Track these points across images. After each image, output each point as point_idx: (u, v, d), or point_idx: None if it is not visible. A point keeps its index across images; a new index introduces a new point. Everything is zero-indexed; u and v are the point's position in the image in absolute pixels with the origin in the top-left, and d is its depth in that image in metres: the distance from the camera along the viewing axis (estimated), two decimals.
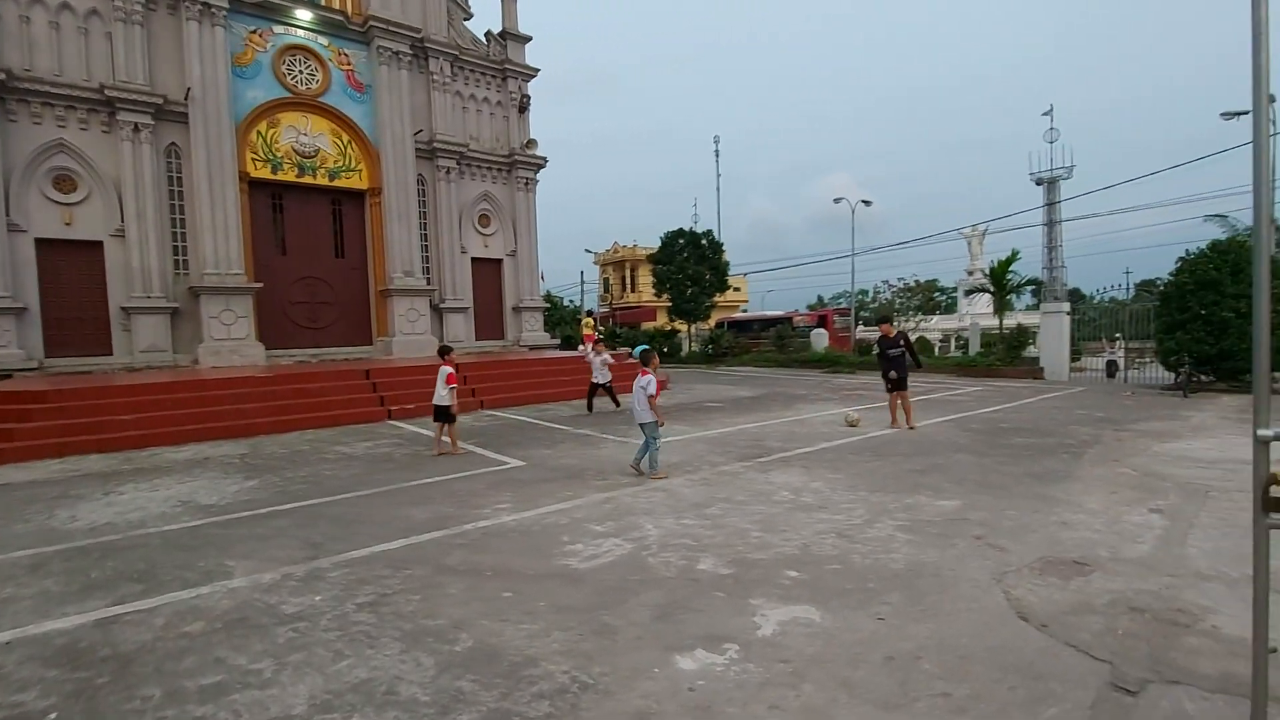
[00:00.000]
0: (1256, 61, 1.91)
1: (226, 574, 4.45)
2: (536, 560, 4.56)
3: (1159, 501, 5.75)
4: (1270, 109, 19.74)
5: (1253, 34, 1.92)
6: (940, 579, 4.11)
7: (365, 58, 17.79)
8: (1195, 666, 3.04)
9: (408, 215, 18.17)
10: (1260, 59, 1.91)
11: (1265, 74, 1.93)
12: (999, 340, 19.88)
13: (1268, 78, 1.95)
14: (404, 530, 5.30)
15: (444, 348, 9.64)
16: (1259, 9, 1.90)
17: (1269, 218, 2.01)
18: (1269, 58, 1.92)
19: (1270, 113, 19.77)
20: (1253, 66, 1.92)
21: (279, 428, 10.74)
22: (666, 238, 29.79)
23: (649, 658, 3.18)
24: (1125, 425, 9.99)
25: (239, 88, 15.86)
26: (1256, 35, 1.91)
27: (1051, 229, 42.03)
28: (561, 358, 17.90)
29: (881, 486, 6.46)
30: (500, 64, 20.71)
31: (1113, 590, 3.89)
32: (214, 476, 7.64)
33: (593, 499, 6.21)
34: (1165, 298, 15.10)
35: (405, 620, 3.63)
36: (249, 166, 16.20)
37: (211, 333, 15.22)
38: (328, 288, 17.88)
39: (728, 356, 28.23)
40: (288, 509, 6.10)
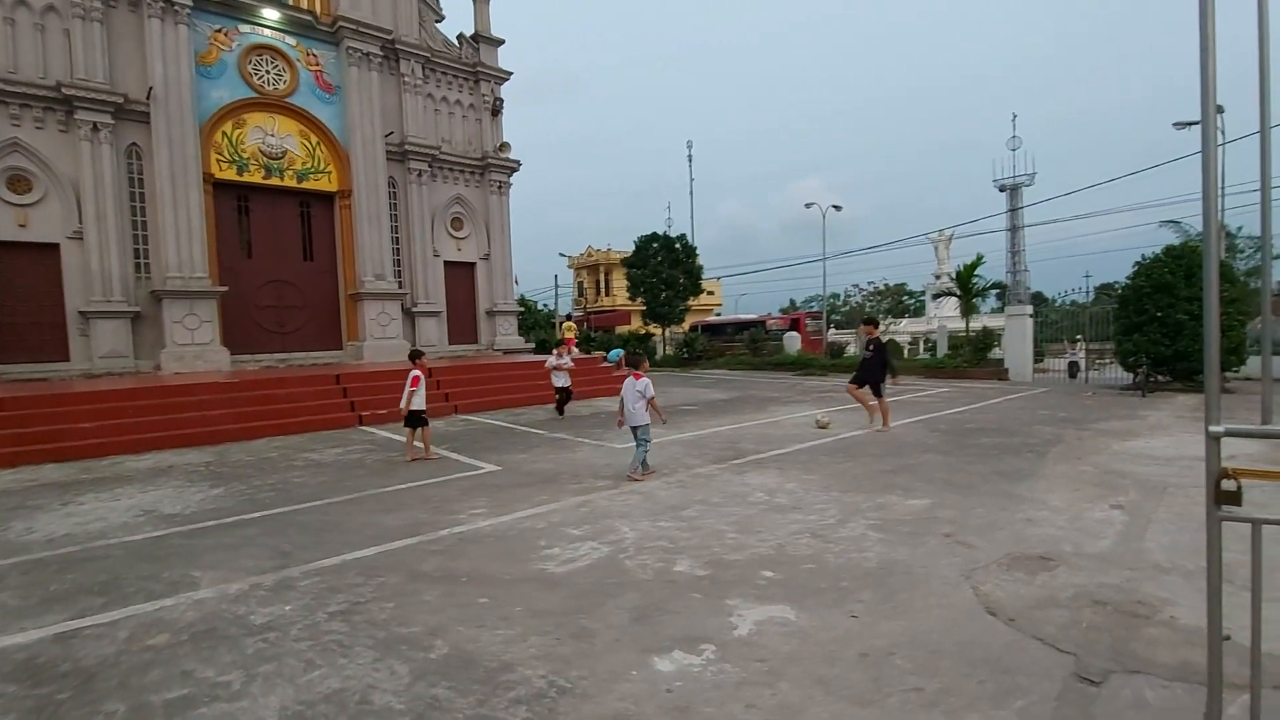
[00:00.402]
0: (1204, 76, 2.00)
1: (192, 585, 4.34)
2: (512, 565, 4.54)
3: (1119, 498, 5.93)
4: (1218, 119, 20.55)
5: (1200, 49, 2.01)
6: (911, 576, 4.19)
7: (334, 58, 17.54)
8: (1155, 656, 3.15)
9: (378, 218, 17.93)
10: (1208, 73, 2.00)
11: (1212, 87, 2.02)
12: (965, 342, 20.31)
13: (1214, 90, 2.04)
14: (376, 537, 5.22)
15: (415, 352, 9.53)
16: (1206, 25, 1.99)
17: (1218, 224, 2.10)
18: (1215, 71, 2.01)
19: (1218, 123, 20.57)
20: (1200, 80, 2.01)
21: (246, 434, 10.51)
22: (640, 241, 29.85)
23: (627, 660, 3.19)
24: (1086, 424, 10.29)
25: (203, 87, 15.51)
26: (1204, 50, 2.00)
27: (1015, 234, 43.14)
28: (536, 362, 17.80)
29: (854, 487, 6.56)
30: (473, 66, 20.59)
31: (1076, 584, 4.01)
32: (178, 485, 7.45)
33: (569, 503, 6.19)
34: (1123, 301, 15.59)
35: (379, 628, 3.58)
36: (214, 168, 15.84)
37: (174, 338, 14.82)
38: (296, 291, 17.54)
39: (702, 360, 28.38)
40: (256, 517, 5.97)
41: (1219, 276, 2.37)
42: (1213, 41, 2.00)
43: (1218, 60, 2.02)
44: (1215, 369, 2.13)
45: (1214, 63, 2.02)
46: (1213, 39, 2.00)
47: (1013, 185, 43.60)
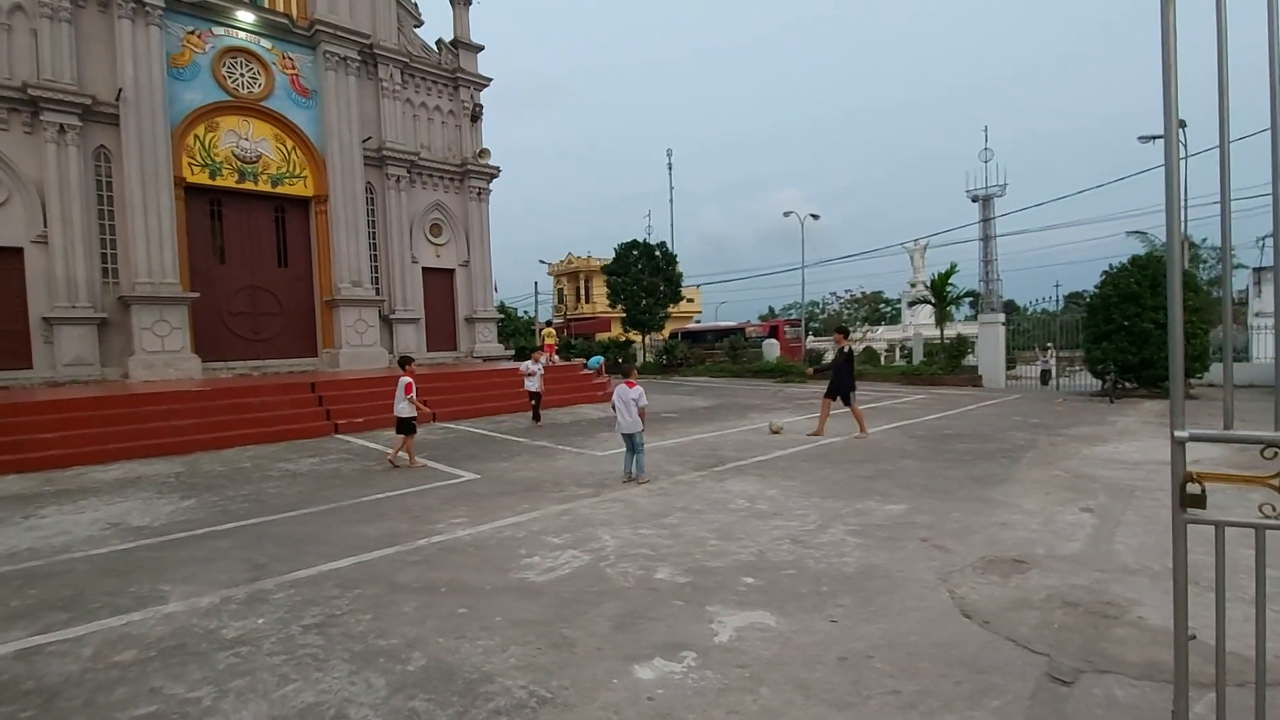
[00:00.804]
0: (1166, 93, 2.08)
1: (161, 599, 4.23)
2: (493, 574, 4.50)
3: (1089, 501, 6.07)
4: (1181, 134, 21.22)
5: (1163, 65, 2.08)
6: (890, 580, 4.24)
7: (311, 62, 17.36)
8: (1124, 655, 3.22)
9: (356, 224, 17.74)
10: (1170, 91, 2.07)
11: (1174, 103, 2.09)
12: (940, 350, 20.64)
13: (1177, 106, 2.11)
14: (354, 548, 5.15)
15: (404, 358, 9.48)
16: (1168, 42, 2.06)
17: (1181, 235, 2.17)
18: (1178, 87, 2.09)
19: (1181, 137, 21.24)
20: (1163, 97, 2.08)
21: (218, 444, 10.29)
22: (620, 249, 29.91)
23: (608, 669, 3.18)
24: (1058, 430, 10.51)
25: (175, 90, 15.24)
26: (1166, 66, 2.07)
27: (987, 244, 44.04)
28: (516, 369, 17.71)
29: (833, 492, 6.62)
30: (452, 72, 20.51)
31: (1049, 586, 4.08)
32: (147, 496, 7.27)
33: (550, 511, 6.16)
34: (1091, 309, 15.98)
35: (355, 641, 3.52)
36: (185, 171, 15.55)
37: (143, 345, 14.48)
38: (271, 298, 17.26)
39: (682, 367, 28.46)
40: (228, 529, 5.85)
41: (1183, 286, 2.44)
42: (1175, 60, 2.08)
43: (1179, 78, 2.10)
44: (1180, 376, 2.20)
45: (1176, 82, 2.09)
46: (1175, 58, 2.07)
47: (985, 196, 44.55)
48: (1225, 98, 2.11)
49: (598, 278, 44.12)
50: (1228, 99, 2.10)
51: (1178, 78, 2.11)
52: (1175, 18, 2.06)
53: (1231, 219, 2.26)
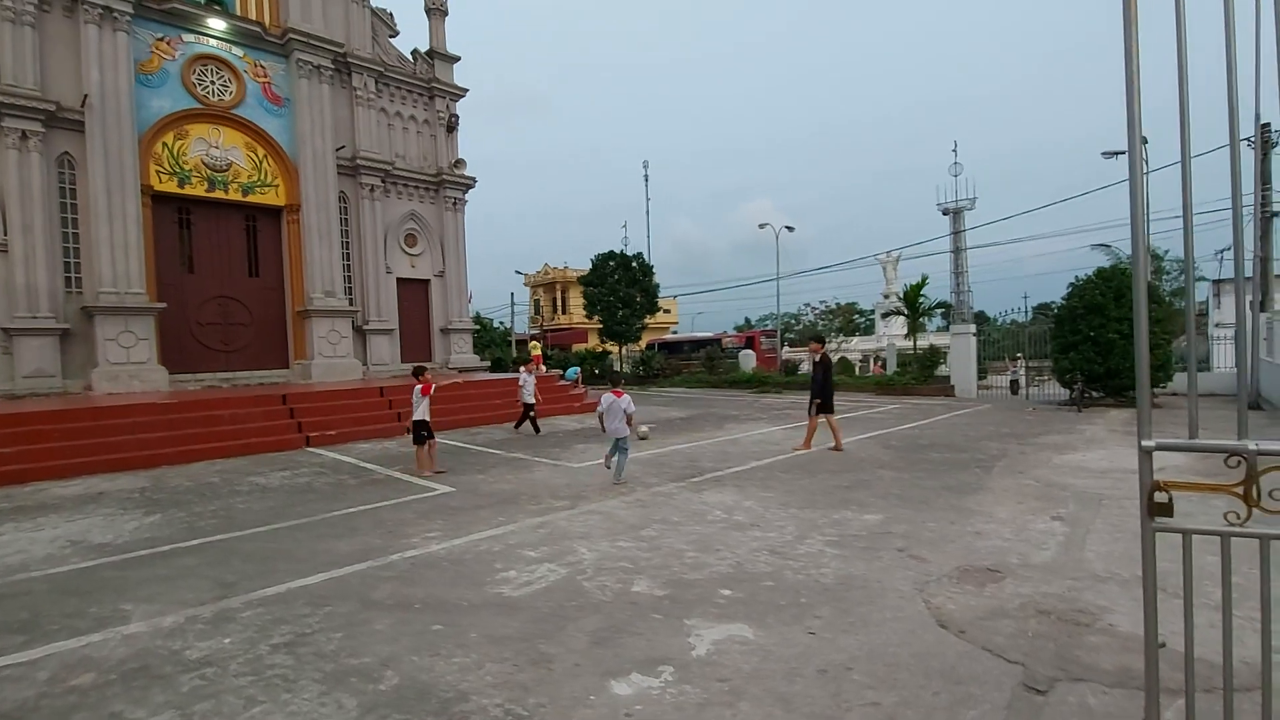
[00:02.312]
0: (1130, 111, 2.14)
1: (123, 619, 4.09)
2: (469, 590, 4.43)
3: (1060, 510, 6.18)
4: (1143, 150, 21.95)
5: (1126, 84, 2.14)
6: (868, 590, 4.25)
7: (284, 70, 17.15)
8: (1097, 663, 3.27)
9: (329, 233, 17.50)
10: (1134, 109, 2.13)
11: (1138, 120, 2.15)
12: (913, 360, 20.94)
13: (1140, 123, 2.18)
14: (326, 564, 5.03)
15: (418, 368, 9.62)
16: (1131, 62, 2.12)
17: (1145, 248, 2.23)
18: (1140, 104, 2.15)
19: (1143, 153, 21.96)
20: (1127, 115, 2.14)
21: (185, 458, 10.02)
22: (597, 260, 29.92)
23: (586, 685, 3.13)
24: (1028, 439, 10.70)
25: (143, 96, 14.94)
26: (1130, 85, 2.14)
27: (958, 256, 44.93)
28: (492, 380, 17.58)
29: (811, 503, 6.65)
30: (428, 82, 20.43)
31: (1022, 595, 4.14)
32: (109, 513, 7.04)
33: (527, 524, 6.09)
34: (1058, 320, 16.35)
35: (326, 660, 3.43)
36: (153, 179, 15.22)
37: (108, 356, 14.08)
38: (241, 308, 16.92)
39: (659, 378, 28.49)
40: (194, 546, 5.68)
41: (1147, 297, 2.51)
42: (1137, 78, 2.14)
43: (1141, 98, 2.16)
44: (1146, 386, 2.25)
45: (1138, 100, 2.15)
46: (1138, 76, 2.13)
47: (955, 209, 45.52)
48: (1185, 113, 2.18)
49: (574, 288, 44.08)
50: (1188, 116, 2.17)
51: (1140, 96, 2.17)
52: (1137, 43, 2.12)
53: (1194, 233, 2.33)
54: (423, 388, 8.88)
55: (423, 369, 9.58)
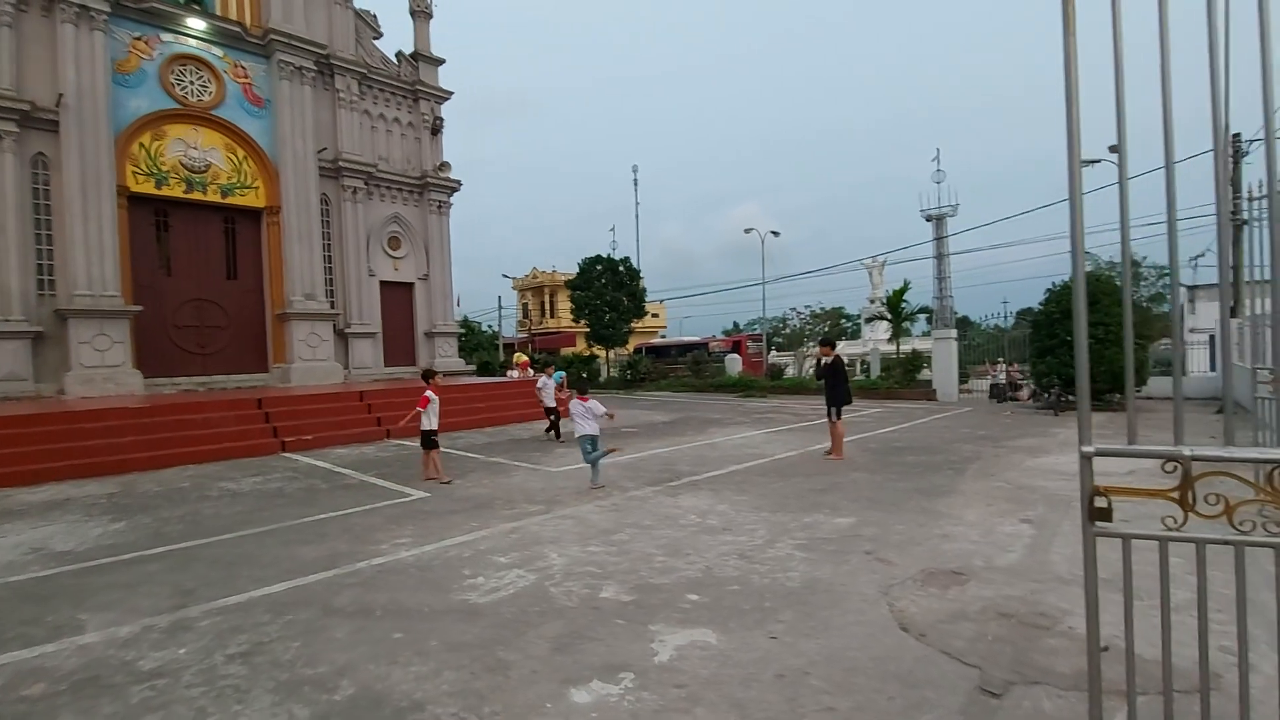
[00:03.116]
0: (1070, 129, 2.16)
1: (77, 628, 4.02)
2: (433, 596, 4.39)
3: (1029, 512, 6.23)
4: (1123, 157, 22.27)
5: (1066, 97, 2.16)
6: (832, 594, 4.26)
7: (264, 71, 17.03)
8: (1053, 666, 3.29)
9: (309, 236, 17.36)
10: (1073, 125, 2.16)
11: (1077, 137, 2.18)
12: (896, 364, 21.08)
13: (1079, 142, 2.20)
14: (290, 571, 4.97)
15: (427, 371, 9.40)
16: (1070, 76, 2.15)
17: (1082, 262, 2.26)
18: (1080, 119, 2.17)
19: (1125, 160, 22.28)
20: (1067, 134, 2.17)
21: (156, 463, 9.87)
22: (585, 264, 29.91)
23: (543, 692, 3.11)
24: (1003, 442, 10.80)
25: (120, 96, 14.77)
26: (1069, 98, 2.16)
27: (940, 261, 45.32)
28: (477, 384, 17.50)
29: (783, 506, 6.66)
30: (412, 85, 20.35)
31: (985, 598, 4.16)
32: (74, 519, 6.92)
33: (499, 529, 6.06)
34: (1036, 325, 16.54)
35: (282, 669, 3.38)
36: (129, 180, 15.04)
37: (81, 360, 13.87)
38: (219, 311, 16.74)
39: (646, 382, 28.48)
40: (158, 553, 5.60)
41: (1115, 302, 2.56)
42: (1076, 93, 2.17)
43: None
44: (1086, 393, 2.27)
45: (1078, 113, 2.18)
46: (1077, 90, 2.16)
47: (938, 215, 45.95)
48: (1169, 124, 2.21)
49: (563, 292, 44.02)
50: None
51: (1079, 113, 2.20)
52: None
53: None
54: (422, 400, 8.60)
55: (432, 373, 9.27)
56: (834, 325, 32.34)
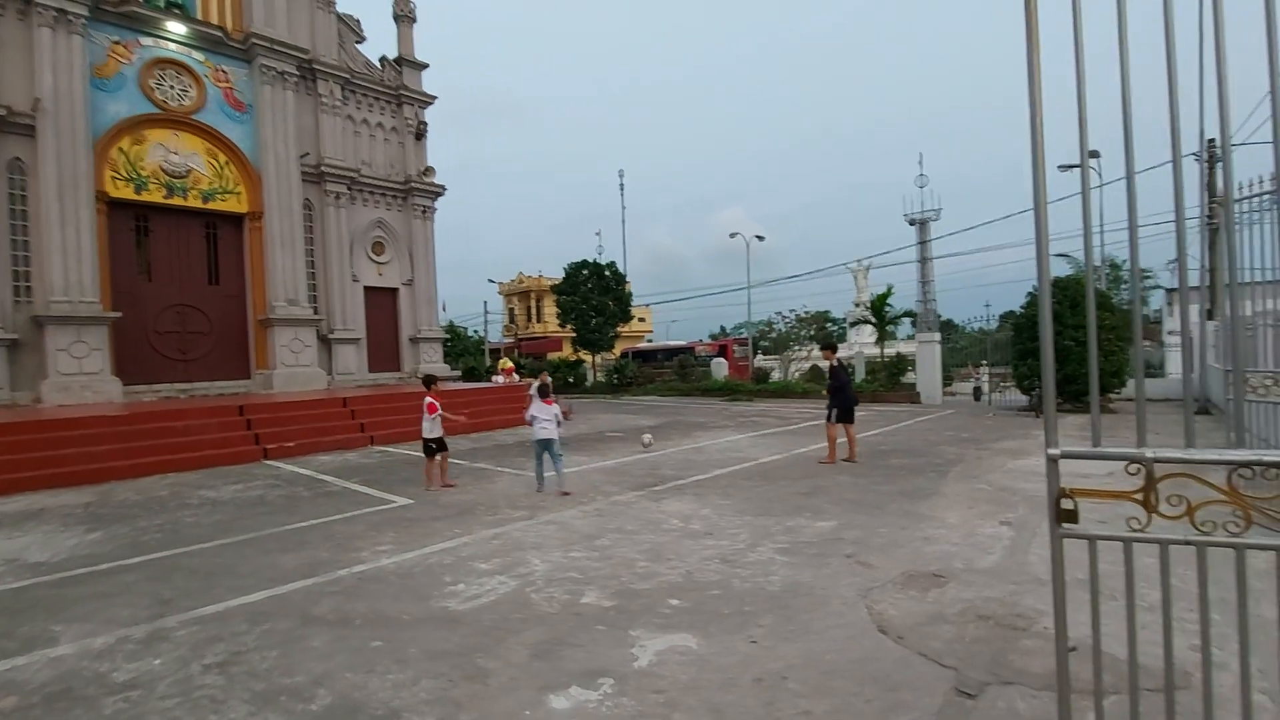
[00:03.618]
0: (1035, 140, 2.21)
1: (51, 640, 3.95)
2: (414, 604, 4.37)
3: (1009, 514, 6.30)
4: (1095, 163, 22.62)
5: (1030, 106, 2.21)
6: (813, 598, 4.29)
7: (246, 76, 16.90)
8: (1028, 667, 3.33)
9: (292, 241, 17.23)
10: (1037, 137, 2.20)
11: (1041, 149, 2.22)
12: (881, 368, 21.24)
13: (1044, 153, 2.25)
14: (269, 580, 4.92)
15: (428, 377, 9.26)
16: (1034, 85, 2.19)
17: (1047, 270, 2.30)
18: (1043, 130, 2.22)
19: (1095, 166, 22.60)
20: (1031, 145, 2.21)
21: (134, 471, 9.74)
22: (570, 268, 29.88)
23: (522, 699, 3.11)
24: (985, 444, 10.91)
25: (99, 100, 14.60)
26: (1033, 105, 2.21)
27: (924, 265, 45.77)
28: (462, 390, 17.42)
29: (767, 510, 6.69)
30: (395, 89, 20.28)
31: (964, 599, 4.20)
32: (50, 530, 6.81)
33: (481, 535, 6.03)
34: (1017, 328, 16.73)
35: (258, 679, 3.35)
36: (108, 186, 14.85)
37: (59, 367, 13.66)
38: (201, 317, 16.55)
39: (632, 386, 28.48)
40: (136, 563, 5.52)
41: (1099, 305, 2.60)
42: (1039, 100, 2.21)
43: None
44: (1051, 396, 2.31)
45: (1042, 119, 2.22)
46: (1039, 95, 2.21)
47: (921, 219, 46.44)
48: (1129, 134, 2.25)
49: (549, 297, 43.93)
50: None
51: (1043, 120, 2.24)
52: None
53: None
54: (428, 407, 8.44)
55: (433, 379, 9.16)
56: (820, 329, 32.49)
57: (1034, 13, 2.18)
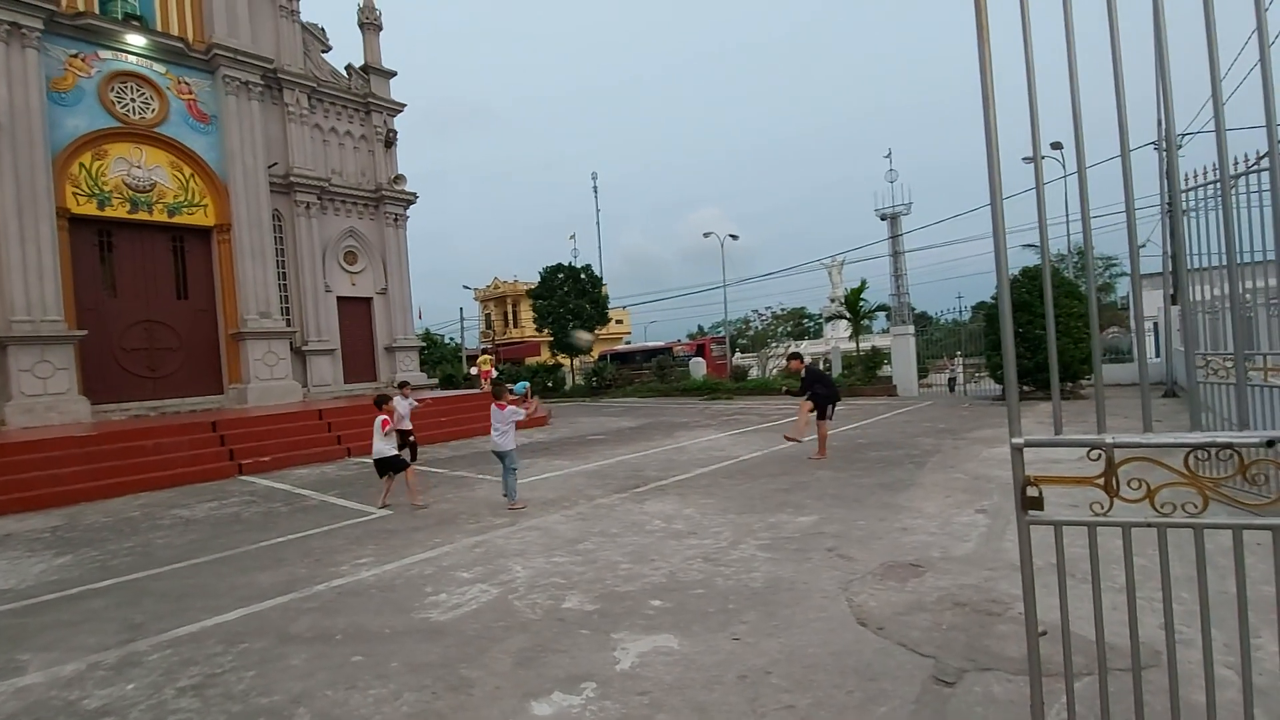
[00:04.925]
0: (988, 137, 2.25)
1: (18, 670, 3.84)
2: (394, 617, 4.32)
3: (984, 502, 6.40)
4: (1059, 155, 23.11)
5: (984, 103, 2.25)
6: (794, 593, 4.32)
7: (210, 87, 16.59)
8: (1004, 651, 3.39)
9: (262, 253, 16.94)
10: (990, 130, 2.25)
11: (995, 144, 2.27)
12: (857, 362, 21.46)
13: (998, 148, 2.30)
14: (244, 598, 4.83)
15: (380, 397, 8.59)
16: (985, 74, 2.24)
17: (1004, 260, 2.34)
18: (996, 122, 2.27)
19: (1060, 157, 23.07)
20: (985, 139, 2.26)
21: (103, 493, 9.51)
22: (546, 272, 29.82)
23: (505, 708, 3.09)
24: (961, 434, 11.08)
25: (57, 115, 14.23)
26: (985, 100, 2.25)
27: (896, 259, 46.39)
28: (440, 398, 17.26)
29: (749, 507, 6.72)
30: (363, 97, 20.07)
31: (941, 588, 4.27)
32: (14, 556, 6.62)
33: (463, 544, 5.99)
34: (989, 319, 17.03)
35: (235, 701, 3.29)
36: (69, 202, 14.48)
37: (22, 388, 13.28)
38: (170, 332, 16.20)
39: (611, 388, 28.46)
40: (105, 586, 5.39)
41: (1067, 293, 2.68)
42: (992, 98, 2.26)
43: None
44: (1014, 387, 2.36)
45: (994, 117, 2.27)
46: (992, 92, 2.25)
47: (892, 214, 47.09)
48: (1079, 129, 2.31)
49: (525, 302, 43.76)
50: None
51: (994, 106, 2.29)
52: (990, 51, 2.24)
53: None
54: (382, 421, 8.00)
55: (386, 398, 8.54)
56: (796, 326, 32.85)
57: (984, 10, 2.23)
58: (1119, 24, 2.17)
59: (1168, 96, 2.30)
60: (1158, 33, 2.24)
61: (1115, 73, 2.19)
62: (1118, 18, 2.16)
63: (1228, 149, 2.29)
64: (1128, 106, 2.26)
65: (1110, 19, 2.17)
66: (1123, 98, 2.21)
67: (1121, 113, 2.23)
